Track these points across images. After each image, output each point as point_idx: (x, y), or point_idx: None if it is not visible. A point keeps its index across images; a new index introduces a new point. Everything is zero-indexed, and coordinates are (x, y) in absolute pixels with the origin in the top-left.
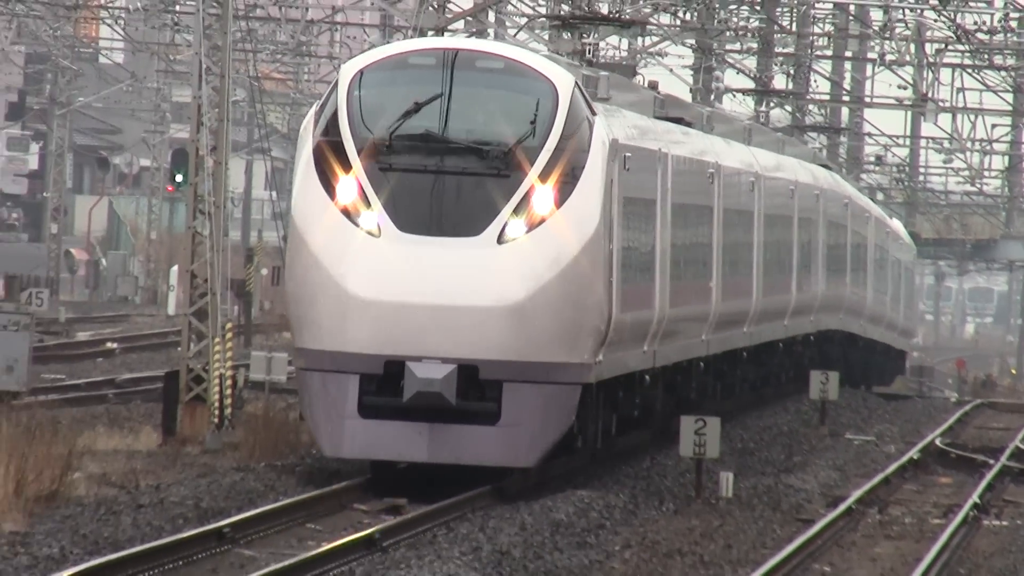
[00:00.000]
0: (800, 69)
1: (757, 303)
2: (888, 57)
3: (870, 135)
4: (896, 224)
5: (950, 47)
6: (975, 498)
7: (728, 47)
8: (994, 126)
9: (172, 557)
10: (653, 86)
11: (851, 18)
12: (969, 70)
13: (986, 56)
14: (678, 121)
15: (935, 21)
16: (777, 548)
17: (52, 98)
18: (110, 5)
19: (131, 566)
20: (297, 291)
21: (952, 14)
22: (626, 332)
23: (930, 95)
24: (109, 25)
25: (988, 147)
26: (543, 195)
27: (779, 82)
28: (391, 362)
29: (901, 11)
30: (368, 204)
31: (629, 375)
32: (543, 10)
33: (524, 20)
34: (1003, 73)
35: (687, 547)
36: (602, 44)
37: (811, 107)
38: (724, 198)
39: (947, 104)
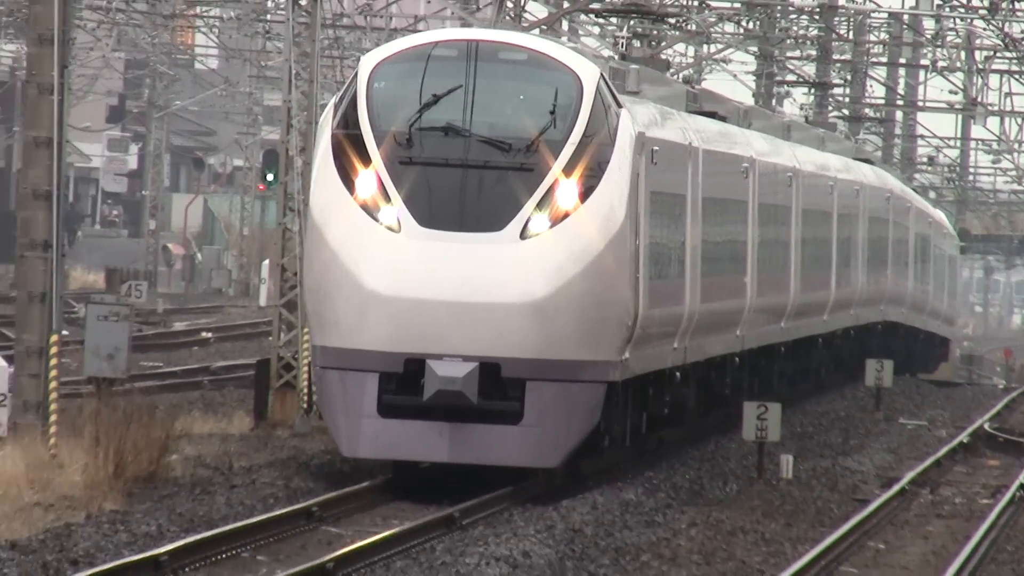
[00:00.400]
0: (856, 75)
1: (795, 298)
2: (940, 63)
3: (923, 137)
4: (939, 214)
5: (998, 54)
6: (1022, 479)
7: (788, 54)
8: None
9: (263, 534)
10: (688, 81)
11: (905, 27)
12: (1016, 76)
13: None
14: (711, 115)
15: (984, 30)
16: (834, 526)
17: (150, 102)
18: (205, 14)
19: (225, 543)
20: (315, 287)
21: (1000, 23)
22: (654, 329)
23: (979, 99)
24: (204, 33)
25: None
26: (567, 189)
27: (837, 88)
28: (411, 360)
29: (952, 20)
30: (388, 198)
31: (660, 372)
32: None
33: (597, 29)
34: None
35: (749, 525)
36: (670, 51)
37: (867, 110)
38: (760, 193)
39: (995, 108)
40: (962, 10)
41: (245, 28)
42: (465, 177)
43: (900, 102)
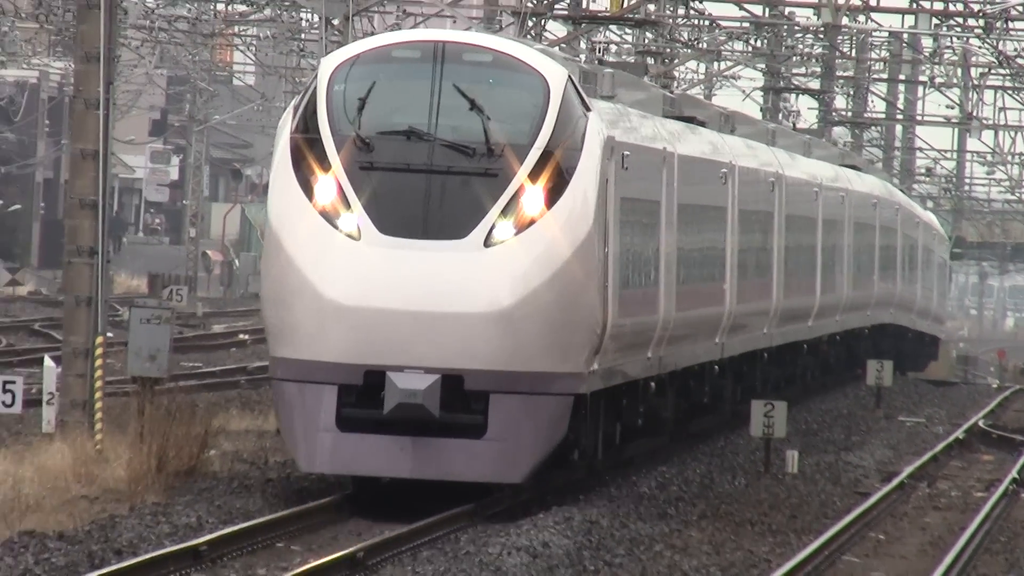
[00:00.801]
0: (859, 91)
1: (778, 304)
2: (937, 80)
3: (921, 149)
4: (928, 216)
5: (993, 71)
6: (1014, 473)
7: (794, 71)
8: None
9: (297, 525)
10: (666, 86)
11: (904, 45)
12: (1010, 91)
13: None
14: (690, 120)
15: (979, 48)
16: (837, 518)
17: (191, 116)
18: (243, 33)
19: (260, 533)
20: (273, 296)
21: (995, 41)
22: (625, 339)
23: (975, 114)
24: (242, 51)
25: None
26: (533, 195)
27: (840, 102)
28: (371, 372)
29: (949, 39)
30: (348, 205)
31: (634, 382)
32: (629, 38)
33: (614, 48)
34: None
35: (757, 517)
36: (682, 69)
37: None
38: (740, 199)
39: (990, 122)
40: (959, 29)
41: (280, 46)
42: (428, 183)
43: (900, 116)
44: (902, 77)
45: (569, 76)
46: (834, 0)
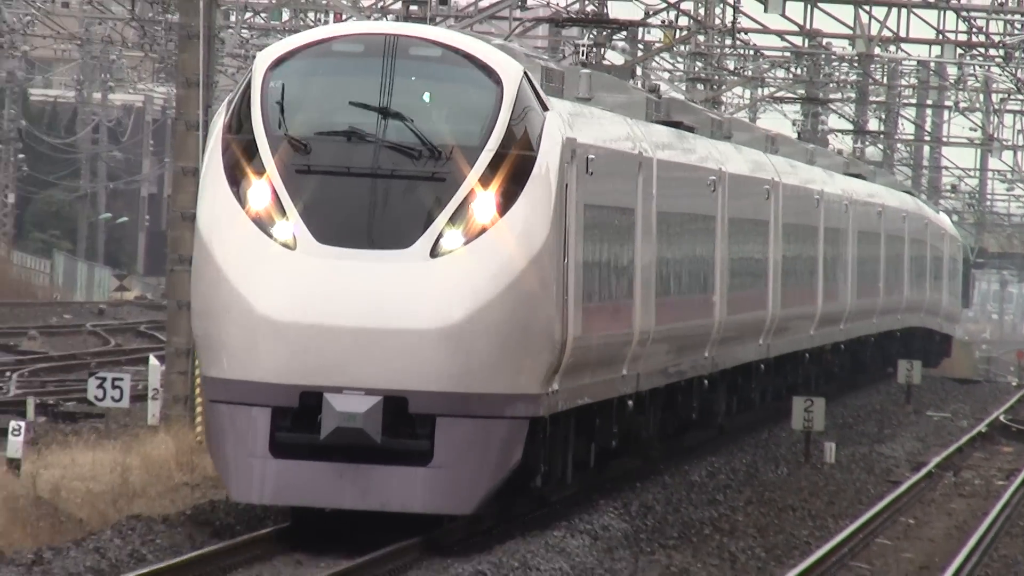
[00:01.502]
0: (890, 114)
1: (775, 314)
2: (961, 104)
3: (947, 168)
4: (941, 218)
5: (1012, 96)
6: None
7: (831, 95)
8: None
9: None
10: (654, 89)
11: (931, 73)
12: None
13: None
14: (676, 125)
15: (1000, 75)
16: (871, 504)
17: None
18: None
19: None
20: (202, 310)
21: (1014, 69)
22: (590, 357)
23: (995, 136)
24: None
25: None
26: (484, 201)
27: (873, 124)
28: (307, 393)
29: (972, 67)
30: (283, 212)
31: (608, 400)
32: (681, 66)
33: (666, 75)
34: None
35: (797, 503)
36: (728, 94)
37: (899, 145)
38: (730, 207)
39: (1010, 143)
40: (980, 59)
41: None
42: (370, 188)
43: (927, 138)
44: (929, 102)
45: (526, 73)
46: (867, 32)
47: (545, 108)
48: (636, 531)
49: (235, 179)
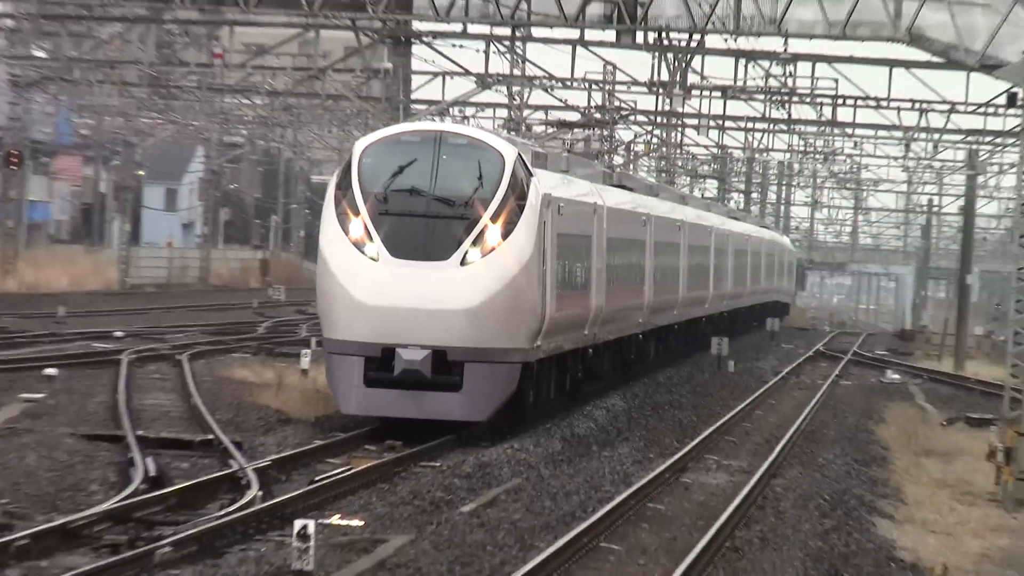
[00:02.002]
0: (762, 187)
1: (683, 297)
2: (801, 183)
3: (793, 216)
4: (787, 241)
5: (828, 180)
6: (836, 372)
7: (732, 178)
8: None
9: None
10: (609, 166)
11: (784, 167)
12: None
13: None
14: (621, 187)
15: (821, 168)
16: (752, 393)
17: None
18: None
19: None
20: (323, 299)
21: (829, 165)
22: (562, 325)
23: (818, 200)
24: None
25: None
26: (493, 232)
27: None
28: (386, 348)
29: (805, 164)
30: (371, 238)
31: (574, 350)
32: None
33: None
34: None
35: (714, 392)
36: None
37: (769, 204)
38: (655, 235)
39: (827, 204)
40: (811, 158)
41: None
42: (424, 224)
43: (783, 199)
44: (783, 183)
45: (519, 153)
46: (751, 146)
47: (531, 175)
48: (629, 408)
49: (342, 218)
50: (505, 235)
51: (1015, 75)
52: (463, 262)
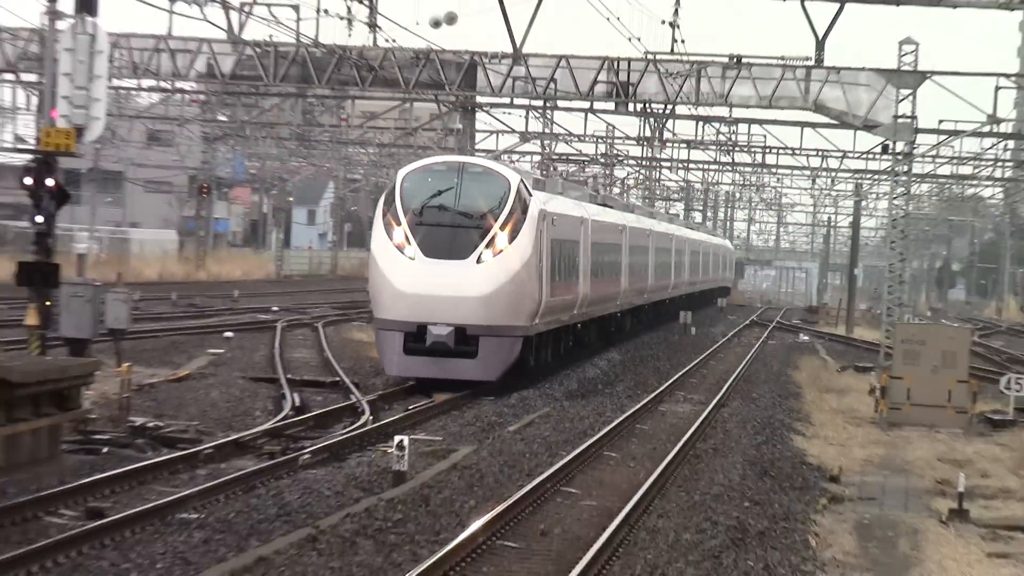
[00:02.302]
0: (715, 208)
1: (651, 285)
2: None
3: (737, 227)
4: (729, 244)
5: (757, 205)
6: (765, 336)
7: (696, 202)
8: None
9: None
10: (595, 189)
11: (727, 195)
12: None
13: None
14: (604, 205)
15: (755, 196)
16: (707, 350)
17: None
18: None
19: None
20: (373, 289)
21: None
22: (556, 307)
23: (754, 218)
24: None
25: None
26: (502, 238)
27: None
28: (420, 325)
29: (744, 193)
30: (409, 242)
31: (563, 327)
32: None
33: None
34: None
35: (682, 348)
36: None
37: (720, 218)
38: (629, 240)
39: (759, 223)
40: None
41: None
42: (450, 232)
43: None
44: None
45: (521, 179)
46: (705, 181)
47: (530, 195)
48: (623, 361)
49: (388, 228)
50: (511, 240)
51: (887, 133)
52: (478, 260)
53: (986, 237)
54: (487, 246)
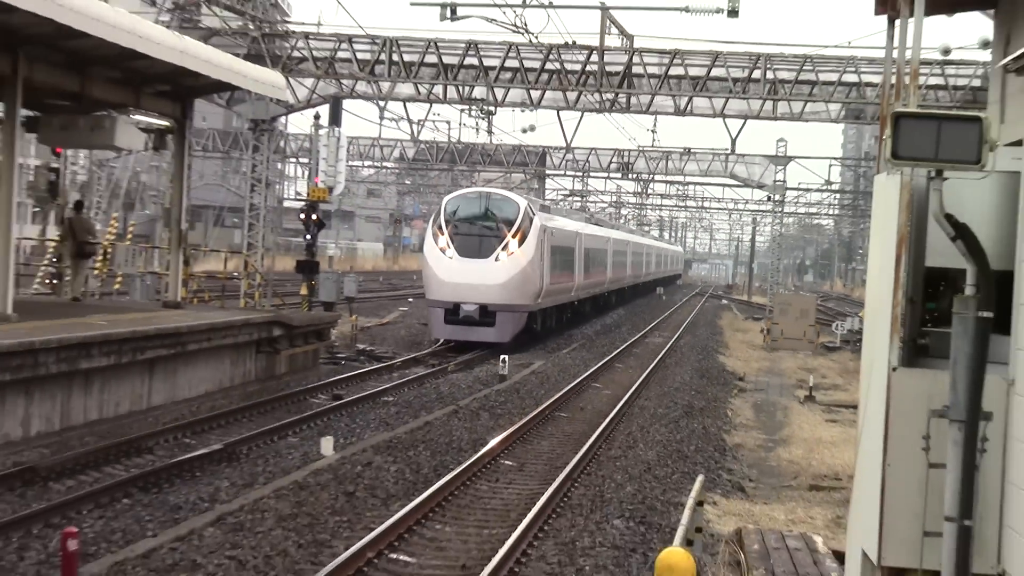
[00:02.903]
0: (672, 224)
1: (630, 275)
2: (703, 222)
3: (689, 240)
4: (679, 248)
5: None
6: (704, 301)
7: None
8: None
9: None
10: (586, 209)
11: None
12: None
13: None
14: (596, 223)
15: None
16: (672, 307)
17: None
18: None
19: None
20: (425, 279)
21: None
22: (555, 291)
23: (711, 232)
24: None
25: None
26: (513, 244)
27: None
28: (456, 304)
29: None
30: (449, 246)
31: (563, 303)
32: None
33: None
34: None
35: (658, 308)
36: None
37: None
38: (613, 247)
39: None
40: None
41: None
42: (477, 239)
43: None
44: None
45: (529, 202)
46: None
47: (535, 214)
48: (615, 323)
49: (435, 236)
50: (519, 245)
51: (770, 190)
52: (496, 259)
53: (824, 247)
54: (503, 249)
